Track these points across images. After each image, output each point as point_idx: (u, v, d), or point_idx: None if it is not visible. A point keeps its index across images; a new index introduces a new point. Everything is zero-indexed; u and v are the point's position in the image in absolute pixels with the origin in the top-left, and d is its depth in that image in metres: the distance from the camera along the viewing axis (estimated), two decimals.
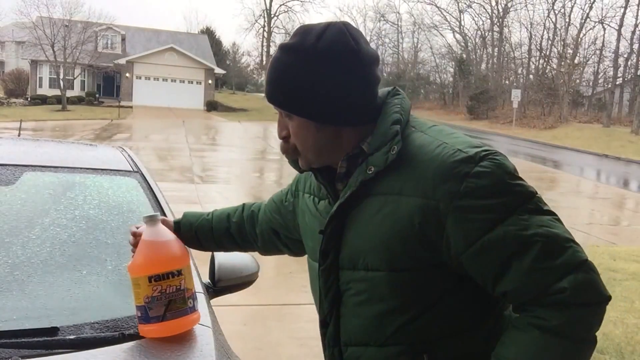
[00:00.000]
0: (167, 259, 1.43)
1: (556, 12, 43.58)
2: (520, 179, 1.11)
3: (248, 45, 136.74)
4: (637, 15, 52.50)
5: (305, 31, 1.19)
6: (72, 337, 1.51)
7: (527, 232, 1.06)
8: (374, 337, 1.19)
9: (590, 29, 44.76)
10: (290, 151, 1.27)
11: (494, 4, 48.74)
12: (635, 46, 39.22)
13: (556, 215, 1.11)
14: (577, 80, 42.12)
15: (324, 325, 1.30)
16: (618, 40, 39.62)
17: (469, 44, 54.07)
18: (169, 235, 1.48)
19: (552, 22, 44.04)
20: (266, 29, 58.47)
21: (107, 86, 43.28)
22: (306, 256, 1.65)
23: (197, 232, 1.66)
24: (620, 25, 39.16)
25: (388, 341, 1.18)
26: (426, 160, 1.12)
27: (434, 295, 1.15)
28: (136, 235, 1.51)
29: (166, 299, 1.40)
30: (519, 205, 1.08)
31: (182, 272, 1.42)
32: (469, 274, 1.12)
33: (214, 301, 2.03)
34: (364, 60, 1.18)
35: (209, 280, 2.15)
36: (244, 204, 1.71)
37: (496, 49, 49.15)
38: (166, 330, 1.45)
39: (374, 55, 1.21)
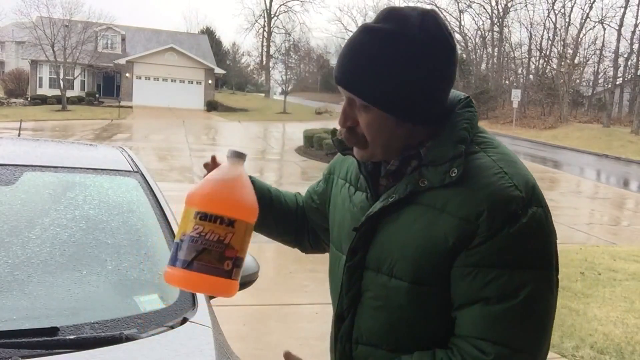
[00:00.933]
0: (226, 201, 1.18)
1: (556, 12, 43.64)
2: (553, 244, 1.08)
3: (248, 45, 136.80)
4: (637, 15, 52.61)
5: (400, 17, 1.07)
6: (72, 337, 1.51)
7: (516, 294, 1.03)
8: (386, 342, 1.17)
9: (590, 29, 44.86)
10: (360, 142, 1.15)
11: (494, 4, 48.78)
12: (635, 46, 39.25)
13: (555, 300, 1.08)
14: (577, 80, 42.12)
15: (340, 319, 1.25)
16: (618, 40, 39.64)
17: (469, 44, 54.08)
18: (244, 181, 1.22)
19: (552, 22, 44.08)
20: (266, 29, 58.51)
21: (107, 86, 43.27)
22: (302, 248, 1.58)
23: (273, 199, 1.48)
24: (620, 25, 39.18)
25: (399, 347, 1.16)
26: (480, 184, 1.06)
27: (451, 311, 1.11)
28: (207, 166, 1.31)
29: (201, 245, 1.15)
30: (531, 267, 1.04)
31: (234, 224, 1.16)
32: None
33: (214, 301, 2.03)
34: (456, 58, 1.12)
35: None
36: (298, 193, 1.59)
37: (496, 49, 49.16)
38: (187, 281, 1.19)
39: (457, 52, 1.15)
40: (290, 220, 1.51)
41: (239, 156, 1.21)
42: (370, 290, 1.18)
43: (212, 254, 1.15)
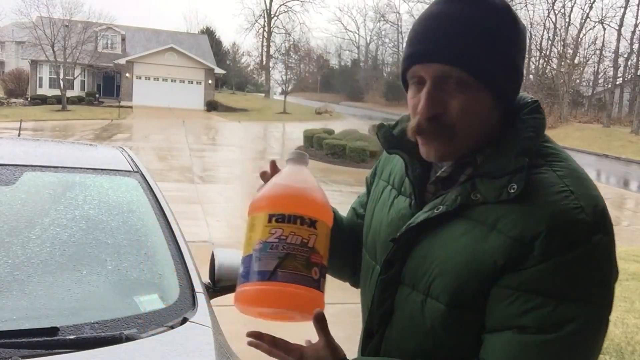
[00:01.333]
0: (304, 200, 1.02)
1: (556, 12, 43.64)
2: (612, 279, 0.95)
3: (248, 45, 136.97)
4: (637, 15, 52.71)
5: None
6: (72, 337, 1.51)
7: (559, 328, 0.89)
8: None
9: (590, 29, 44.86)
10: (445, 133, 0.99)
11: None
12: (635, 46, 39.30)
13: (602, 341, 0.95)
14: (577, 80, 42.16)
15: (368, 336, 1.14)
16: (618, 40, 39.69)
17: None
18: (315, 182, 1.08)
19: (552, 22, 44.08)
20: (266, 29, 58.55)
21: (107, 86, 43.26)
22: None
23: (337, 217, 1.25)
24: (620, 25, 39.23)
25: None
26: (540, 202, 0.92)
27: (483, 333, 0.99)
28: (265, 175, 1.14)
29: (283, 250, 0.97)
30: (583, 301, 0.90)
31: (316, 224, 1.00)
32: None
33: (214, 301, 2.03)
34: None
35: (209, 280, 2.15)
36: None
37: None
38: (270, 296, 0.97)
39: None
40: (350, 243, 1.31)
41: (302, 157, 1.09)
42: (403, 308, 1.06)
43: (298, 259, 0.97)
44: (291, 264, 0.96)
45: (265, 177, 1.13)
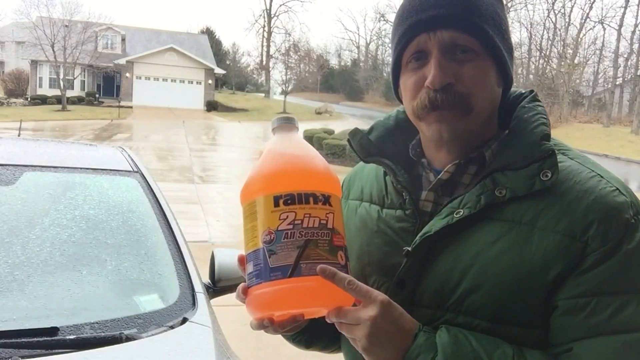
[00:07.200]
0: (309, 173, 0.87)
1: (556, 12, 43.66)
2: None
3: (248, 45, 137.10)
4: (637, 15, 52.77)
5: None
6: (72, 337, 1.51)
7: None
8: None
9: (590, 29, 44.99)
10: (460, 103, 0.91)
11: None
12: (635, 46, 39.36)
13: None
14: (577, 80, 42.18)
15: None
16: (618, 40, 39.75)
17: None
18: (311, 148, 0.94)
19: (552, 22, 44.10)
20: (266, 29, 58.56)
21: (107, 86, 43.28)
22: None
23: None
24: (620, 25, 39.30)
25: None
26: (577, 190, 0.86)
27: (550, 349, 0.86)
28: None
29: (301, 237, 0.82)
30: None
31: (330, 200, 0.86)
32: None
33: (213, 301, 2.03)
34: None
35: (209, 280, 2.15)
36: None
37: None
38: (298, 296, 0.82)
39: None
40: None
41: (291, 122, 0.93)
42: None
43: (320, 245, 0.82)
44: (314, 252, 0.81)
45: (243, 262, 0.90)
